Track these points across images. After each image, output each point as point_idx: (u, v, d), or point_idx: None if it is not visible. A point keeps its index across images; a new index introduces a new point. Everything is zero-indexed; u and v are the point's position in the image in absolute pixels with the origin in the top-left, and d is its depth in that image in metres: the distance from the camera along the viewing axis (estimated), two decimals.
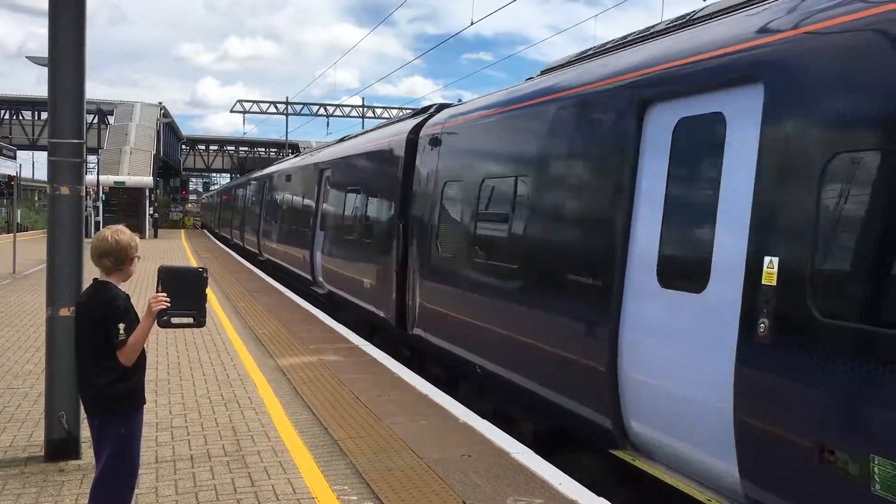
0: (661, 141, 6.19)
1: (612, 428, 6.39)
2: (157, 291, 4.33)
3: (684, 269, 5.85)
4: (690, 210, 5.98)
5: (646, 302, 6.13)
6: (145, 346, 4.52)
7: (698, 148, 5.89)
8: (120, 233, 4.51)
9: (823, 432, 4.49)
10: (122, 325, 4.28)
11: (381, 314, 12.78)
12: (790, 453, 4.71)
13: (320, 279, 18.17)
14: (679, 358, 5.71)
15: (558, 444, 7.65)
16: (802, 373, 4.61)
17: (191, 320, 4.45)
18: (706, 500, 5.43)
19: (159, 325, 4.35)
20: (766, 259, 4.94)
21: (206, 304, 4.54)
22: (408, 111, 19.54)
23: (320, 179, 19.08)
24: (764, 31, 5.38)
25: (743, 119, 5.36)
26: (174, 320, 4.39)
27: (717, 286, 5.40)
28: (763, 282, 4.93)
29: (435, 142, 11.06)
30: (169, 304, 4.31)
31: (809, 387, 4.58)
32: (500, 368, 8.42)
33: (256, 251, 30.05)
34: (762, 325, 4.89)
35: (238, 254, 33.75)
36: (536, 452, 6.60)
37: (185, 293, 4.39)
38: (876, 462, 4.16)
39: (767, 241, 4.98)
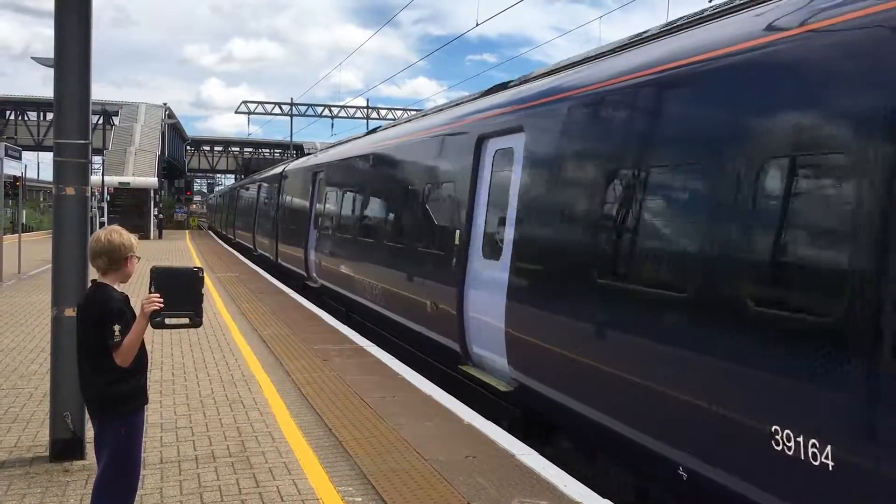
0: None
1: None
2: (150, 292, 4.28)
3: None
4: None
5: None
6: (149, 346, 4.50)
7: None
8: (114, 233, 4.50)
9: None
10: (117, 327, 4.25)
11: None
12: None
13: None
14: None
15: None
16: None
17: (187, 321, 4.38)
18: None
19: (153, 326, 4.28)
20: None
21: (203, 304, 4.47)
22: (413, 112, 19.51)
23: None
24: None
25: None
26: (169, 321, 4.31)
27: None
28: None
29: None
30: (162, 305, 4.25)
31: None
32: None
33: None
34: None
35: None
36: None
37: (179, 293, 4.32)
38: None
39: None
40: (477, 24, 21.15)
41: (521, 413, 8.38)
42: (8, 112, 68.45)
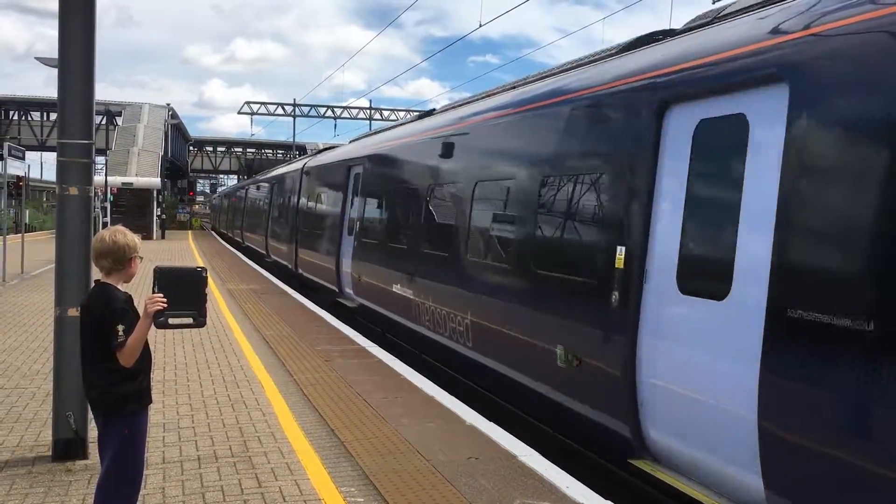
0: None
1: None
2: (153, 292, 4.28)
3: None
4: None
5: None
6: (152, 346, 4.51)
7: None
8: (118, 233, 4.51)
9: None
10: (121, 327, 4.26)
11: None
12: None
13: None
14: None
15: None
16: None
17: (190, 321, 4.38)
18: None
19: (156, 326, 4.29)
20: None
21: (207, 304, 4.47)
22: (415, 113, 19.26)
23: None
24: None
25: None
26: (172, 321, 4.32)
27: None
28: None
29: None
30: (165, 305, 4.25)
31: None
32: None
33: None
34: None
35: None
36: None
37: (182, 293, 4.32)
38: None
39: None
40: (480, 26, 21.15)
41: None
42: (11, 112, 68.57)
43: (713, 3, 8.74)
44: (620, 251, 6.48)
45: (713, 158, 5.82)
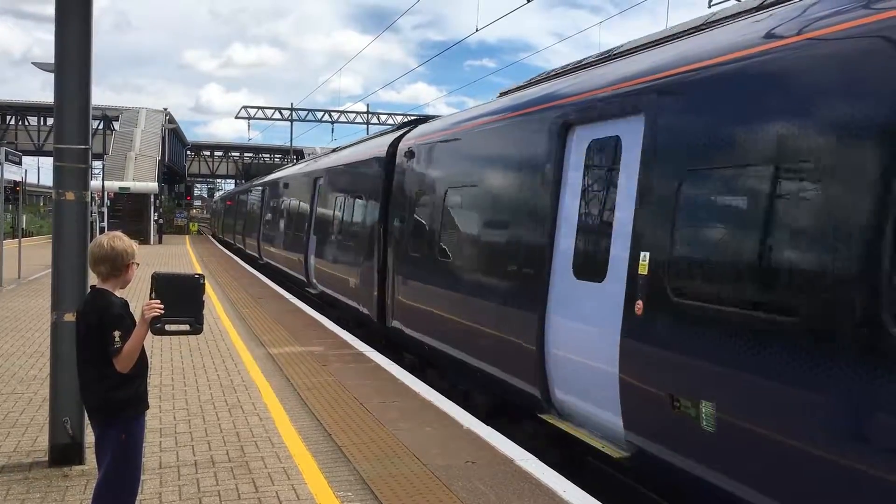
0: None
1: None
2: (151, 298, 4.28)
3: None
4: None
5: None
6: (149, 351, 4.51)
7: None
8: (116, 239, 4.50)
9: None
10: (117, 333, 4.26)
11: None
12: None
13: None
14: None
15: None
16: None
17: (187, 327, 4.38)
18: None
19: (153, 332, 4.28)
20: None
21: (204, 311, 4.48)
22: (412, 117, 18.91)
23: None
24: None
25: None
26: (169, 327, 4.32)
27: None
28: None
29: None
30: (162, 311, 4.25)
31: None
32: None
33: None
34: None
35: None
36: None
37: (180, 300, 4.32)
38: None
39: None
40: (477, 30, 21.18)
41: None
42: (8, 117, 68.46)
43: (709, 6, 8.78)
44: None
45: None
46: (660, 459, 5.98)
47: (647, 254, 6.12)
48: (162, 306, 4.25)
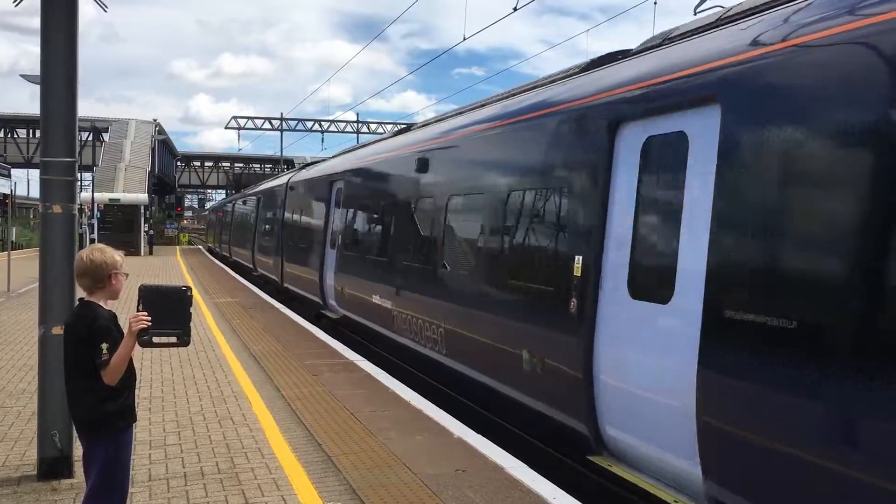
0: None
1: None
2: (138, 311, 4.28)
3: None
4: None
5: None
6: (138, 363, 4.50)
7: None
8: (95, 251, 4.50)
9: None
10: (104, 345, 4.26)
11: None
12: None
13: None
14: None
15: None
16: None
17: (174, 339, 4.38)
18: None
19: (140, 344, 4.29)
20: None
21: (192, 323, 4.47)
22: (402, 125, 18.73)
23: None
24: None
25: None
26: (156, 339, 4.32)
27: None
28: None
29: None
30: (150, 323, 4.26)
31: None
32: None
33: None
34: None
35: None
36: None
37: (167, 312, 4.33)
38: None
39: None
40: (464, 39, 21.23)
41: None
42: None
43: (695, 13, 8.83)
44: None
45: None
46: None
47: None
48: (149, 318, 4.25)
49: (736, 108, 5.33)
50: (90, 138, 51.76)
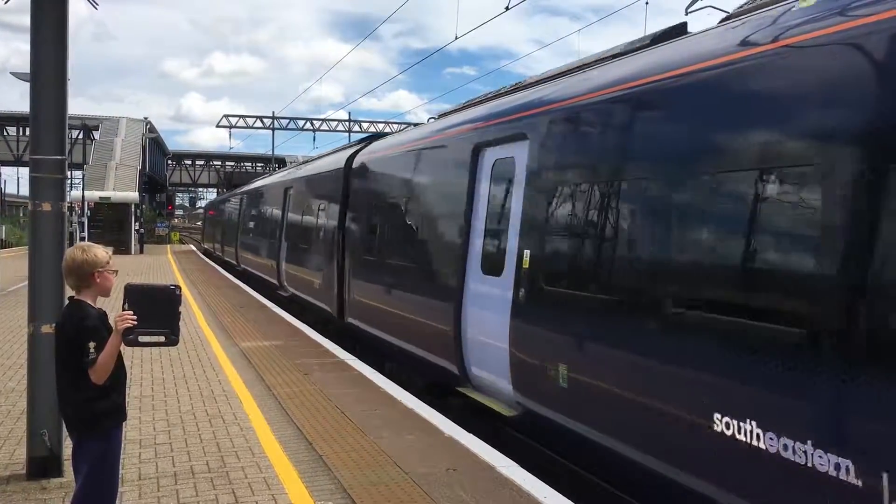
0: None
1: None
2: (123, 309, 4.25)
3: None
4: None
5: None
6: (128, 362, 4.49)
7: None
8: (78, 250, 4.49)
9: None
10: (92, 344, 4.24)
11: None
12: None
13: None
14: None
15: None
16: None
17: (162, 339, 4.34)
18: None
19: (126, 343, 4.26)
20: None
21: (181, 322, 4.44)
22: (395, 125, 18.53)
23: None
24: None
25: None
26: (143, 339, 4.29)
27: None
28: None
29: None
30: (135, 322, 4.22)
31: None
32: None
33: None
34: None
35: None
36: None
37: (154, 311, 4.29)
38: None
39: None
40: (456, 38, 21.24)
41: None
42: None
43: (686, 14, 8.83)
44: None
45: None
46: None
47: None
48: (135, 317, 4.22)
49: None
50: (80, 136, 51.57)
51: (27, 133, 62.97)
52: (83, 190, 42.09)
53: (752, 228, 5.00)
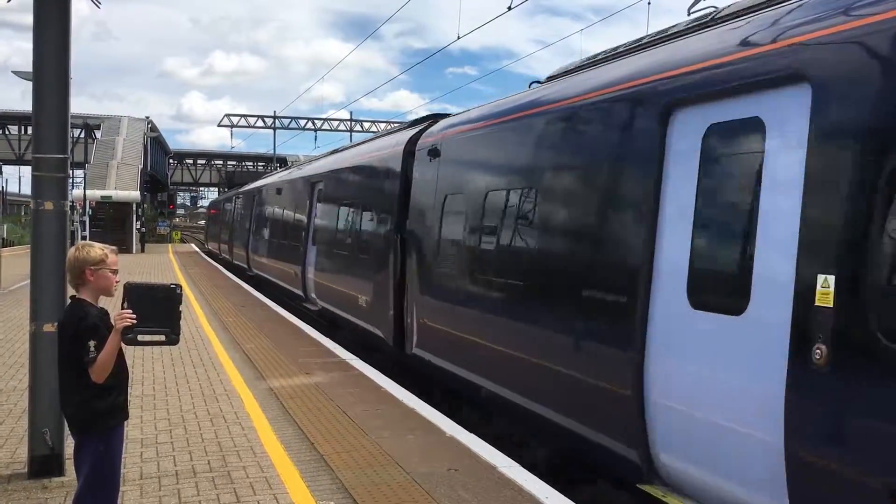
0: None
1: None
2: (122, 308, 4.24)
3: None
4: None
5: None
6: (130, 361, 4.48)
7: None
8: (74, 248, 4.51)
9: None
10: (92, 343, 4.23)
11: None
12: None
13: None
14: None
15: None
16: None
17: (162, 338, 4.32)
18: None
19: (124, 342, 4.25)
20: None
21: (182, 321, 4.43)
22: (395, 124, 18.18)
23: None
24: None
25: None
26: (142, 338, 4.28)
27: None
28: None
29: None
30: (135, 321, 4.21)
31: None
32: None
33: None
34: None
35: None
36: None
37: (155, 310, 4.28)
38: None
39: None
40: (458, 38, 21.21)
41: None
42: None
43: (688, 13, 8.83)
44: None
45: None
46: None
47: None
48: (133, 316, 4.21)
49: None
50: (82, 135, 51.44)
51: (29, 132, 63.06)
52: (84, 189, 42.06)
53: None
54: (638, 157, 6.30)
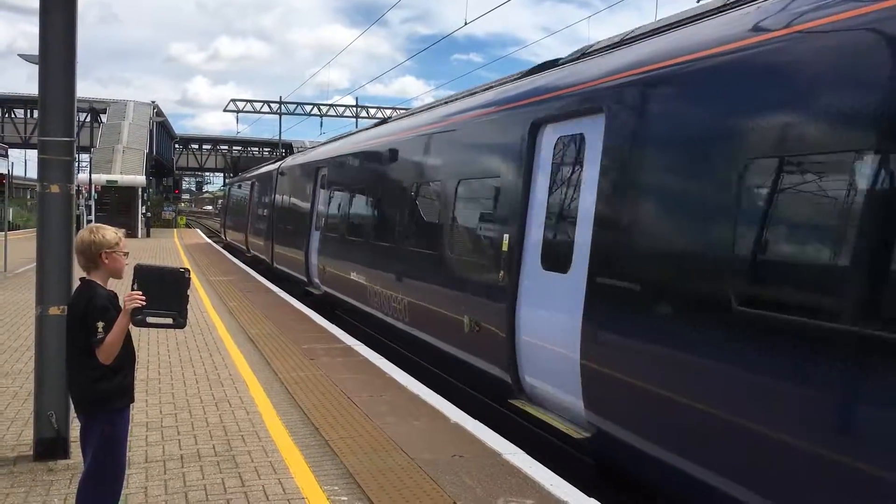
0: None
1: None
2: (132, 290, 4.27)
3: None
4: None
5: None
6: (136, 345, 4.49)
7: None
8: (87, 231, 4.51)
9: None
10: (100, 324, 4.25)
11: None
12: None
13: None
14: None
15: None
16: None
17: (170, 321, 4.35)
18: None
19: (134, 324, 4.27)
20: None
21: (189, 305, 4.44)
22: (402, 110, 17.53)
23: None
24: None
25: None
26: (150, 320, 4.30)
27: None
28: None
29: None
30: (144, 303, 4.24)
31: None
32: None
33: None
34: None
35: None
36: None
37: (163, 293, 4.30)
38: None
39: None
40: (465, 23, 21.14)
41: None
42: None
43: (697, 1, 8.77)
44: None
45: None
46: None
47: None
48: (143, 298, 4.23)
49: None
50: (88, 119, 51.42)
51: (35, 115, 63.05)
52: (90, 173, 42.06)
53: None
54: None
